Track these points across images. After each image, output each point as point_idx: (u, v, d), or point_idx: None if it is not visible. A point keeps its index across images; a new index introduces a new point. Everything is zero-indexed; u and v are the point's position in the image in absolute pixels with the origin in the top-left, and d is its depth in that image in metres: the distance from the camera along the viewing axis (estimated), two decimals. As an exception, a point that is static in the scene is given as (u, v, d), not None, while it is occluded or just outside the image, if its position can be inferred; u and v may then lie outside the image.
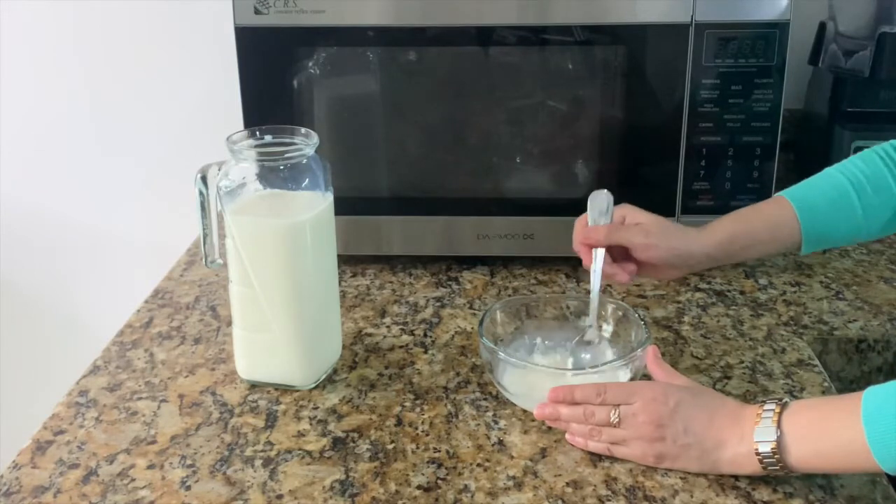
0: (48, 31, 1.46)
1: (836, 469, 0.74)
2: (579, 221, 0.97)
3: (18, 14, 1.45)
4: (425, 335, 1.01)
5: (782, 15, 1.04)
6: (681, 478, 0.76)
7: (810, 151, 1.38)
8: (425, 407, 0.88)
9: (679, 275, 1.01)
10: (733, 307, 1.06)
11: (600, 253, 0.93)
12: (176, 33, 1.45)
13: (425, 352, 0.98)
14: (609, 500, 0.74)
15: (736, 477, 0.76)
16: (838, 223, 0.94)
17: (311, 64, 1.09)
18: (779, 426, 0.72)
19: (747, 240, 0.96)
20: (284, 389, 0.91)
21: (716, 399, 0.78)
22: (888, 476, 0.74)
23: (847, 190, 0.93)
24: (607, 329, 0.94)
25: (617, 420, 0.78)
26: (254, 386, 0.92)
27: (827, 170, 0.97)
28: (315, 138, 0.88)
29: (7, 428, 1.54)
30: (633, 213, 0.96)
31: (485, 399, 0.89)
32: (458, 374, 0.93)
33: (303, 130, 0.88)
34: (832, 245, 1.11)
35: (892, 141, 0.96)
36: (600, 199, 0.94)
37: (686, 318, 1.03)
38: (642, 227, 0.94)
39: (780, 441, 0.71)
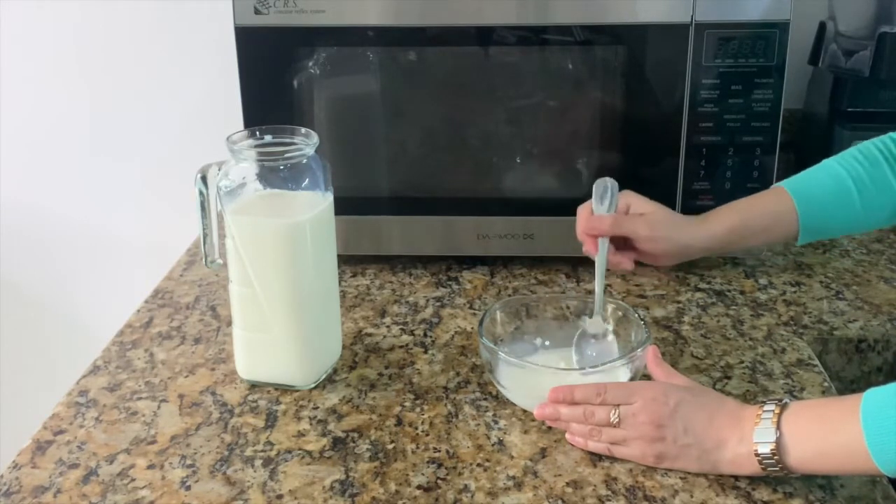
0: (48, 31, 1.46)
1: (835, 470, 0.74)
2: (583, 209, 0.97)
3: (19, 14, 1.46)
4: (425, 335, 1.01)
5: (782, 15, 1.04)
6: (681, 478, 0.76)
7: (810, 151, 1.37)
8: (425, 407, 0.88)
9: (676, 262, 1.03)
10: (733, 307, 1.06)
11: (604, 242, 0.93)
12: (176, 33, 1.45)
13: (425, 352, 0.98)
14: (609, 500, 0.74)
15: (736, 477, 0.76)
16: (836, 215, 0.95)
17: (311, 64, 1.09)
18: (778, 427, 0.72)
19: (747, 231, 0.97)
20: (284, 389, 0.91)
21: (716, 399, 0.78)
22: (888, 476, 0.74)
23: (847, 184, 0.93)
24: (607, 329, 0.94)
25: (617, 420, 0.78)
26: (254, 386, 0.92)
27: (826, 161, 0.97)
28: (315, 138, 0.88)
29: (7, 428, 1.54)
30: (637, 202, 0.97)
31: (485, 399, 0.89)
32: (458, 374, 0.93)
33: (303, 130, 0.88)
34: (829, 236, 1.11)
35: (892, 133, 0.96)
36: (605, 188, 0.94)
37: (686, 318, 1.03)
38: (647, 218, 0.95)
39: (779, 442, 0.71)
